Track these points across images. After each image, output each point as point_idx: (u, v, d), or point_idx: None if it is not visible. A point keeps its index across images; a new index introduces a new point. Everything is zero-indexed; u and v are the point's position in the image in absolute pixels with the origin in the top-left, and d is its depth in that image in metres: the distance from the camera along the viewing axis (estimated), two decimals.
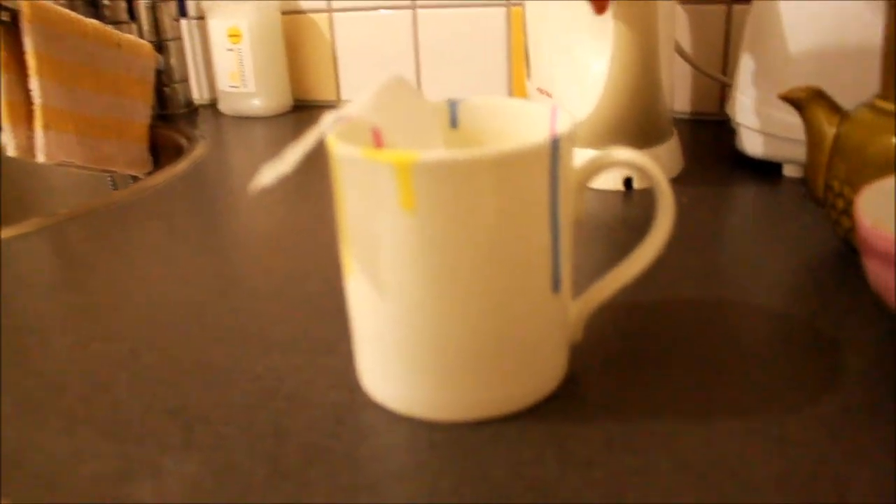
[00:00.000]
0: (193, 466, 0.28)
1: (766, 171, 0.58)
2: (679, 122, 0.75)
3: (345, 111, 0.28)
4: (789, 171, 0.57)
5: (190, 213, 0.55)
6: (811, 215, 0.49)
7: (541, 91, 0.63)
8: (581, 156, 0.29)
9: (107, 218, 0.55)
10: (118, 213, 0.56)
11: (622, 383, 0.32)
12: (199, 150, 0.73)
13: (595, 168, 0.29)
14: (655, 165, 0.29)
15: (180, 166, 0.67)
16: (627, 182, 0.55)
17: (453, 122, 0.34)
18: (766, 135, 0.56)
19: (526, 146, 0.26)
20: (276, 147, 0.74)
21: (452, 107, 0.33)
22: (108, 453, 0.29)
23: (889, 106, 0.39)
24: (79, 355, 0.36)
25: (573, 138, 0.28)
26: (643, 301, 0.38)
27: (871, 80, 0.43)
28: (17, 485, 0.27)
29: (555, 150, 0.27)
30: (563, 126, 0.29)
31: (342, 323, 0.38)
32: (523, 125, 0.33)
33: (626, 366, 0.33)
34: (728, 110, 0.60)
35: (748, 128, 0.57)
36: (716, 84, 0.75)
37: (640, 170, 0.29)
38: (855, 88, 0.46)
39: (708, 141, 0.68)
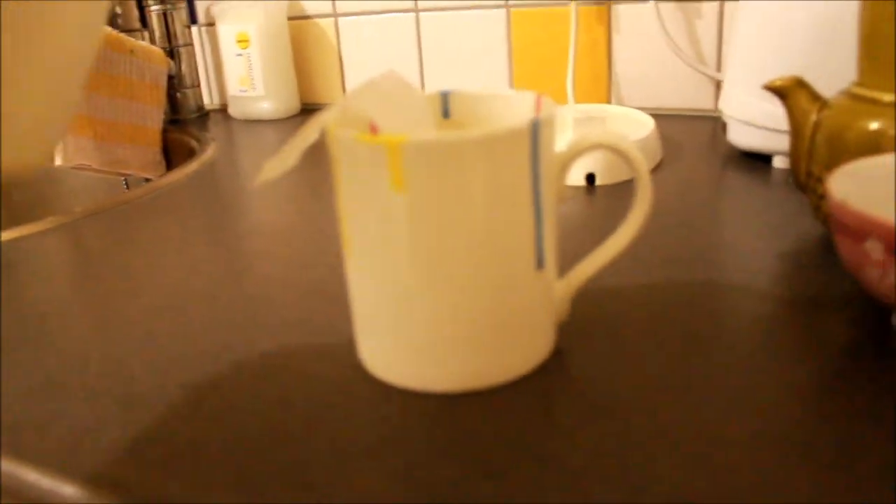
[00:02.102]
0: (202, 433, 0.30)
1: (757, 163, 0.59)
2: (674, 118, 0.76)
3: (340, 104, 0.30)
4: (779, 162, 0.58)
5: (201, 210, 0.57)
6: (797, 203, 0.50)
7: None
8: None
9: (121, 215, 0.57)
10: (132, 211, 0.58)
11: (608, 359, 0.33)
12: (209, 152, 0.75)
13: (576, 150, 0.31)
14: (633, 147, 0.31)
15: (191, 167, 0.69)
16: (590, 178, 0.57)
17: (445, 113, 0.36)
18: (755, 126, 0.57)
19: (508, 128, 0.28)
20: None
21: (444, 97, 0.35)
22: (126, 422, 0.31)
23: (865, 92, 0.41)
24: (97, 337, 0.38)
25: (553, 123, 0.30)
26: (630, 284, 0.40)
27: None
28: (43, 450, 0.29)
29: (535, 132, 0.29)
30: (545, 112, 0.31)
31: (345, 306, 0.40)
32: (510, 112, 0.35)
33: (612, 343, 0.35)
34: (720, 104, 0.62)
35: (738, 120, 0.59)
36: (712, 81, 0.76)
37: (619, 152, 0.31)
38: (843, 79, 0.48)
39: (702, 136, 0.70)
